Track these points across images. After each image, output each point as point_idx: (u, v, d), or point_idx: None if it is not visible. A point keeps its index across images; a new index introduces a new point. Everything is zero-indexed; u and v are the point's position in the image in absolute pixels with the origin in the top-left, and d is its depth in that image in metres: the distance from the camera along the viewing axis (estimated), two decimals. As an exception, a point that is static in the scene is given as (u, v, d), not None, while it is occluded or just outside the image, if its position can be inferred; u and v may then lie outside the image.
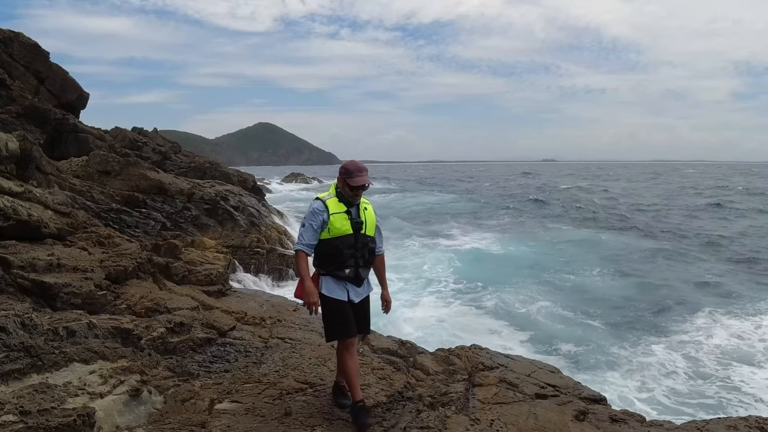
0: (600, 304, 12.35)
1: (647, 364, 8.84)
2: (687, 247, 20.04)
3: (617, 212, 32.25)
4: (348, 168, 3.58)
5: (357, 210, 3.63)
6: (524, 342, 9.76)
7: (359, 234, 3.58)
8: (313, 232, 3.53)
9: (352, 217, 3.59)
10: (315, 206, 3.59)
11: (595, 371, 8.47)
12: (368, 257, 3.66)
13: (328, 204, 3.58)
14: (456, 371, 4.70)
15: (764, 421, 3.94)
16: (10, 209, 5.68)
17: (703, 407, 7.34)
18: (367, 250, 3.63)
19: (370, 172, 3.64)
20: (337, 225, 3.52)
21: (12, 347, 3.16)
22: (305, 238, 3.52)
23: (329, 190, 3.71)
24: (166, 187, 13.93)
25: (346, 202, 3.60)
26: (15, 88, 15.23)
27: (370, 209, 3.72)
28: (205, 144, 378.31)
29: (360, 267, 3.61)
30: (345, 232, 3.53)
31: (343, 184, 3.59)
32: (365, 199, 3.72)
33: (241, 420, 3.54)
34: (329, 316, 3.62)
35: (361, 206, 3.66)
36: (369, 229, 3.64)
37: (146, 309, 5.42)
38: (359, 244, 3.58)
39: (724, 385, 8.08)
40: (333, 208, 3.56)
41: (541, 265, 16.60)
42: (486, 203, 38.94)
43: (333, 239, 3.52)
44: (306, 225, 3.55)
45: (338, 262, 3.56)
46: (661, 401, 7.53)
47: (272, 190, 52.62)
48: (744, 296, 13.01)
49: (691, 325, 10.74)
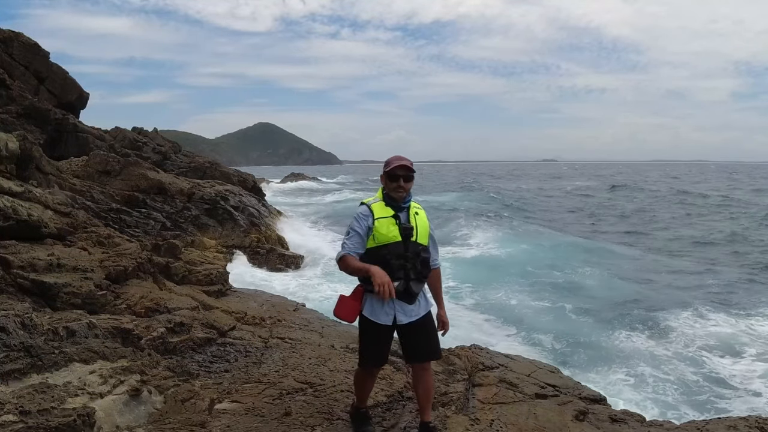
0: (600, 305, 12.35)
1: (647, 364, 8.84)
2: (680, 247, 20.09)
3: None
4: (387, 161, 3.26)
5: (407, 214, 3.23)
6: (524, 342, 9.76)
7: (409, 241, 3.15)
8: (360, 239, 3.15)
9: (401, 222, 3.18)
10: (359, 211, 3.23)
11: (595, 371, 8.47)
12: (421, 269, 3.19)
13: (373, 208, 3.20)
14: (456, 371, 4.70)
15: (764, 421, 3.94)
16: (10, 209, 5.68)
17: (703, 407, 7.34)
18: (419, 260, 3.17)
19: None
20: (383, 231, 3.13)
21: (12, 347, 3.16)
22: (350, 245, 3.15)
23: (376, 194, 3.35)
24: (166, 187, 13.93)
25: (393, 206, 3.21)
26: (15, 88, 15.24)
27: (423, 214, 3.29)
28: (205, 144, 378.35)
29: (411, 280, 3.14)
30: (392, 239, 3.12)
31: (385, 180, 3.25)
32: (417, 204, 3.34)
33: (241, 420, 3.54)
34: (362, 338, 3.30)
35: (412, 210, 3.25)
36: (421, 236, 3.20)
37: (146, 309, 5.42)
38: (410, 253, 3.14)
39: (724, 385, 8.08)
40: (379, 213, 3.18)
41: (539, 265, 16.57)
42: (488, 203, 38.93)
43: (379, 248, 3.11)
44: (351, 231, 3.18)
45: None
46: (661, 401, 7.53)
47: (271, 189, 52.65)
48: (738, 293, 13.15)
49: (692, 325, 10.75)
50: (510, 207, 36.47)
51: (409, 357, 3.34)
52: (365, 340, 3.27)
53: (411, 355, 3.32)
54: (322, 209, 33.61)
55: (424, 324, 3.26)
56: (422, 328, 3.24)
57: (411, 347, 3.28)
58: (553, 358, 8.63)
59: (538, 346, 9.61)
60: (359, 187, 65.94)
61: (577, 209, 36.42)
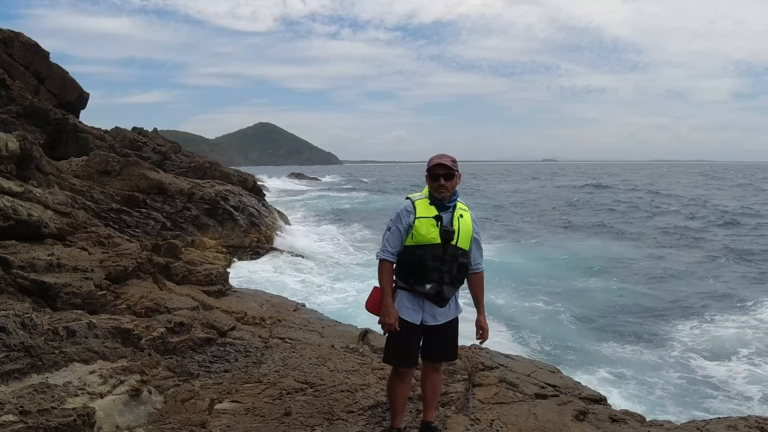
0: (599, 305, 12.36)
1: (647, 363, 8.84)
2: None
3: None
4: (429, 159, 3.13)
5: (450, 216, 3.11)
6: (523, 342, 9.76)
7: (449, 245, 3.06)
8: (400, 237, 3.10)
9: (443, 224, 3.07)
10: (403, 206, 3.15)
11: (595, 371, 8.47)
12: (457, 273, 3.11)
13: (417, 205, 3.11)
14: (456, 371, 4.69)
15: (764, 421, 3.94)
16: (10, 209, 5.68)
17: (703, 407, 7.34)
18: (456, 265, 3.09)
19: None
20: (422, 231, 3.04)
21: (12, 347, 3.16)
22: (390, 245, 3.10)
23: (423, 191, 3.24)
24: (166, 187, 13.94)
25: (438, 205, 3.11)
26: (15, 88, 15.25)
27: (467, 217, 3.16)
28: (205, 144, 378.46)
29: (445, 284, 3.08)
30: (431, 240, 3.03)
31: (428, 179, 3.16)
32: (464, 205, 3.21)
33: (241, 420, 3.54)
34: (390, 338, 3.21)
35: (456, 213, 3.13)
36: (462, 240, 3.10)
37: (146, 309, 5.42)
38: (447, 256, 3.05)
39: (724, 384, 8.08)
40: (421, 211, 3.09)
41: (537, 267, 16.57)
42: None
43: (416, 247, 3.05)
44: (392, 228, 3.11)
45: (419, 274, 3.07)
46: (661, 401, 7.53)
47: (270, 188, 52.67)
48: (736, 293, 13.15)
49: (691, 324, 10.75)
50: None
51: (425, 355, 3.32)
52: (390, 337, 3.21)
53: (427, 354, 3.30)
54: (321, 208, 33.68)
55: (449, 327, 3.24)
56: (447, 331, 3.23)
57: (430, 347, 3.26)
58: (554, 360, 8.62)
59: (537, 344, 9.62)
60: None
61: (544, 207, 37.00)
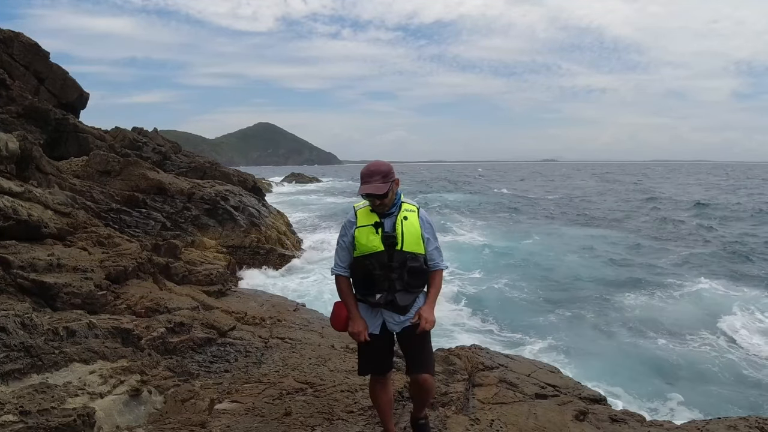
0: (598, 305, 12.36)
1: (647, 363, 8.84)
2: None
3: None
4: (361, 173, 2.96)
5: (393, 221, 2.96)
6: (522, 342, 9.76)
7: (394, 250, 2.91)
8: (346, 252, 3.01)
9: (384, 230, 2.93)
10: (347, 218, 3.07)
11: (595, 371, 8.46)
12: (409, 279, 2.94)
13: (358, 214, 3.01)
14: (456, 371, 4.69)
15: (764, 421, 3.94)
16: (10, 209, 5.68)
17: (703, 407, 7.33)
18: (407, 270, 2.92)
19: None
20: (362, 240, 2.93)
21: (12, 347, 3.16)
22: (340, 260, 3.04)
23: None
24: (166, 187, 13.93)
25: (378, 211, 2.98)
26: (15, 88, 15.24)
27: (413, 218, 2.99)
28: (205, 144, 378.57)
29: (397, 291, 2.93)
30: (373, 249, 2.91)
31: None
32: (410, 205, 3.05)
33: (241, 420, 3.54)
34: (360, 348, 3.14)
35: (400, 216, 2.97)
36: (408, 244, 2.93)
37: (146, 309, 5.42)
38: (395, 263, 2.90)
39: (724, 384, 8.08)
40: (361, 220, 2.98)
41: (536, 264, 16.57)
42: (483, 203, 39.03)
43: (362, 258, 2.93)
44: (338, 244, 3.06)
45: (369, 284, 2.96)
46: (661, 401, 7.53)
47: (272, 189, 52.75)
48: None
49: (691, 324, 10.74)
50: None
51: (407, 368, 3.19)
52: (360, 346, 3.12)
53: (407, 366, 3.17)
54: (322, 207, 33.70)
55: (420, 339, 3.03)
56: (417, 343, 3.04)
57: (406, 358, 3.15)
58: (553, 359, 8.63)
59: (537, 344, 9.62)
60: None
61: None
